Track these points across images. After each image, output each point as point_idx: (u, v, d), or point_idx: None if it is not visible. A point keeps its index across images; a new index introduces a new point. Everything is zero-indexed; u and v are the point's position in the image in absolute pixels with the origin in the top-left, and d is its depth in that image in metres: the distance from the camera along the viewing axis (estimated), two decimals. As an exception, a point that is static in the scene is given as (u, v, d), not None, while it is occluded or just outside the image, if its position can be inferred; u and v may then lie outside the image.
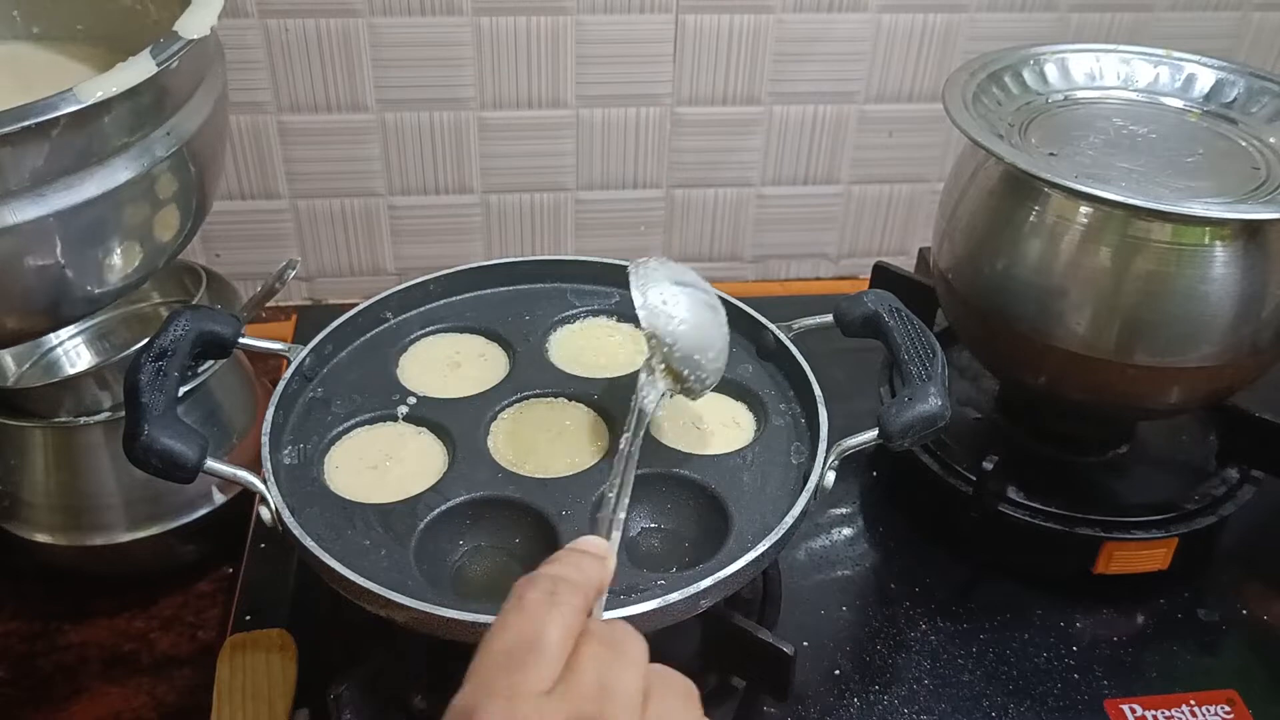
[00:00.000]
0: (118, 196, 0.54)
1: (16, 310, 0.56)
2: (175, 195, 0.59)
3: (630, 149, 1.00)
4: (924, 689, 0.67)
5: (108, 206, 0.54)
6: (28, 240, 0.52)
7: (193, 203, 0.61)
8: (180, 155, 0.57)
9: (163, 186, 0.58)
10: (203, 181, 0.62)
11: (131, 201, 0.56)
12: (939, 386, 0.60)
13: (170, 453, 0.54)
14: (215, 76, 0.62)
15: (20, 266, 0.53)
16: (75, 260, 0.55)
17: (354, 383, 0.68)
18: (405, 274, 0.97)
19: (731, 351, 0.71)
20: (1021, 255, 0.70)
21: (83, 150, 0.52)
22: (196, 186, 0.61)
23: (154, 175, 0.56)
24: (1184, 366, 0.68)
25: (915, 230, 1.09)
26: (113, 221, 0.55)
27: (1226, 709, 0.67)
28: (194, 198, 0.61)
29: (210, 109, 0.60)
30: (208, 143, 0.61)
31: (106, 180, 0.53)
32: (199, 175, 0.61)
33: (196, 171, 0.60)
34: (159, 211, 0.58)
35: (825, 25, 0.96)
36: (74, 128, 0.51)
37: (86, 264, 0.56)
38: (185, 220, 0.61)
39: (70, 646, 0.71)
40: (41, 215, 0.51)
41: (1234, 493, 0.76)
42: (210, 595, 0.74)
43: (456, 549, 0.60)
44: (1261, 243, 0.65)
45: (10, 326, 0.58)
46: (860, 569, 0.75)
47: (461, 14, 0.91)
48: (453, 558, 0.60)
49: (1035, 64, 0.79)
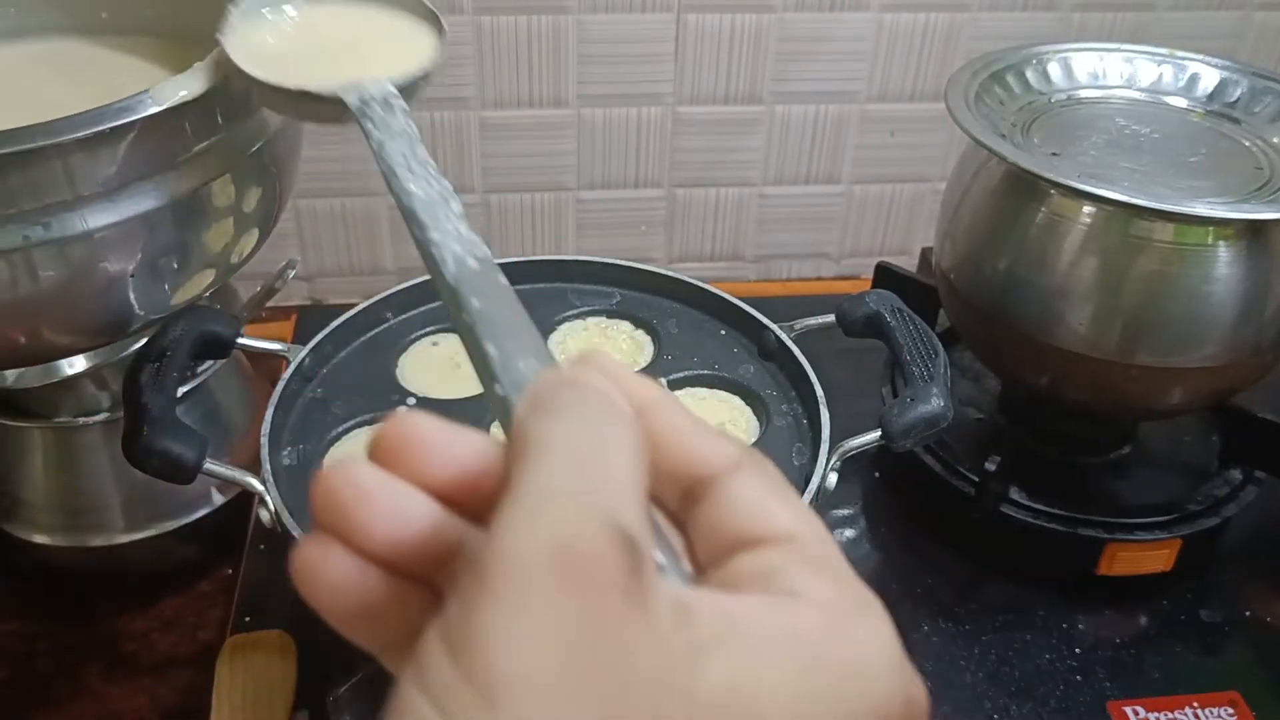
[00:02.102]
0: (195, 200, 0.52)
1: (78, 323, 0.54)
2: (253, 198, 0.56)
3: (631, 148, 1.00)
4: (926, 690, 0.67)
5: (184, 211, 0.52)
6: (100, 248, 0.50)
7: (273, 204, 0.59)
8: (259, 157, 0.55)
9: (240, 189, 0.55)
10: (281, 182, 0.59)
11: (208, 206, 0.53)
12: (941, 387, 0.60)
13: (170, 453, 0.54)
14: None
15: (90, 277, 0.50)
16: (144, 270, 0.52)
17: (354, 383, 0.67)
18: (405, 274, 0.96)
19: (732, 352, 0.71)
20: (1024, 255, 0.69)
21: (157, 153, 0.50)
22: (276, 188, 0.58)
23: (231, 179, 0.53)
24: (1187, 367, 0.67)
25: (917, 230, 1.09)
26: (189, 228, 0.53)
27: (1229, 710, 0.66)
28: (274, 198, 0.59)
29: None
30: (287, 142, 0.58)
31: (184, 183, 0.51)
32: (278, 175, 0.58)
33: (276, 173, 0.58)
34: (236, 216, 0.56)
35: (827, 24, 0.96)
36: (149, 131, 0.48)
37: (157, 275, 0.53)
38: (265, 223, 0.59)
39: (70, 646, 0.71)
40: (114, 221, 0.49)
41: (1237, 494, 0.75)
42: (210, 596, 0.74)
43: None
44: (1265, 243, 0.65)
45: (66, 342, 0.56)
46: (862, 570, 0.74)
47: (462, 13, 0.91)
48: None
49: (1038, 63, 0.79)
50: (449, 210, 0.36)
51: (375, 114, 0.41)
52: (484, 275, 0.32)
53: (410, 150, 0.39)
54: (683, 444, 0.27)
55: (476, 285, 0.31)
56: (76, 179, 0.48)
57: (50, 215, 0.47)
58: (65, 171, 0.47)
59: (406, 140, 0.40)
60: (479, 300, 0.30)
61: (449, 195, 0.37)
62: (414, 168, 0.39)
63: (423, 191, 0.37)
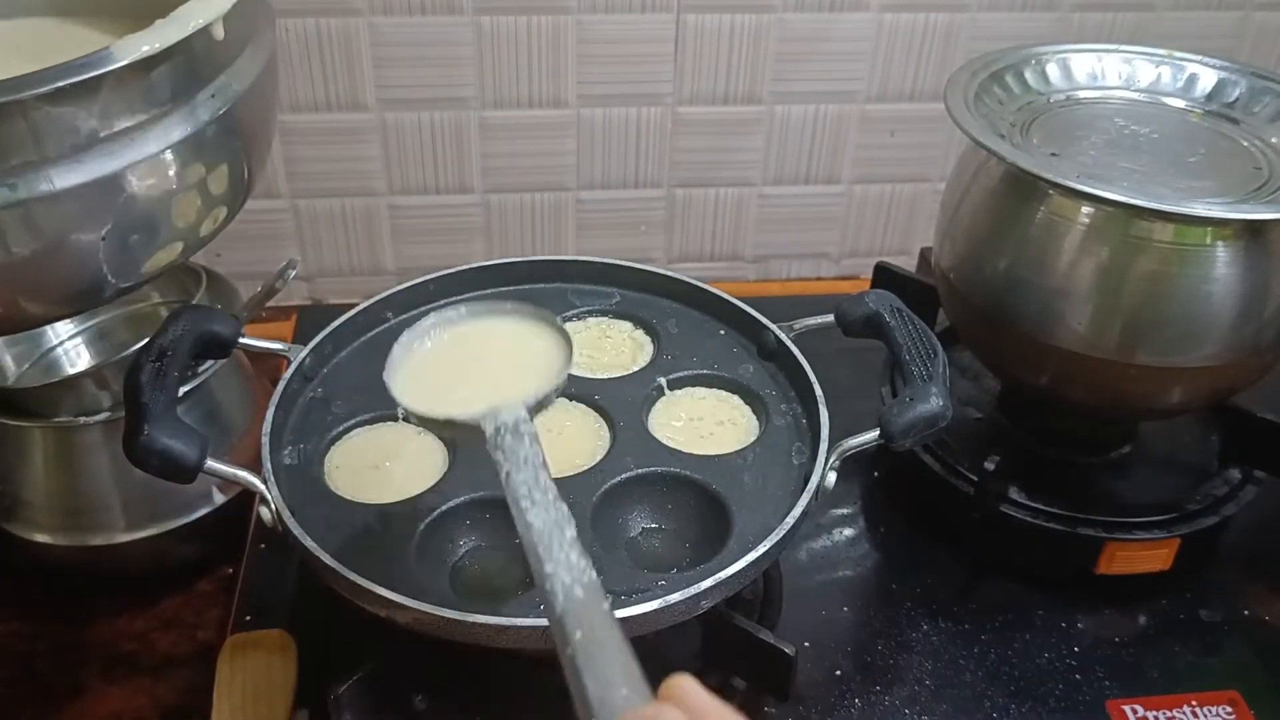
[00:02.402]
0: (162, 162, 0.51)
1: (50, 289, 0.53)
2: (222, 164, 0.56)
3: (631, 148, 1.00)
4: (925, 689, 0.67)
5: (151, 173, 0.51)
6: (67, 210, 0.49)
7: (241, 174, 0.58)
8: (227, 120, 0.54)
9: (209, 153, 0.54)
10: (250, 151, 0.59)
11: (176, 168, 0.52)
12: (940, 386, 0.60)
13: (170, 453, 0.54)
14: (263, 38, 0.59)
15: (59, 240, 0.50)
16: (114, 235, 0.51)
17: (354, 383, 0.67)
18: (405, 274, 0.96)
19: (732, 352, 0.71)
20: (1023, 255, 0.70)
21: (123, 113, 0.49)
22: (244, 155, 0.58)
23: (200, 141, 0.53)
24: (1186, 367, 0.67)
25: (917, 230, 1.09)
26: (157, 190, 0.52)
27: (1228, 710, 0.67)
28: (242, 168, 0.58)
29: (258, 72, 0.57)
30: (256, 108, 0.58)
31: (149, 144, 0.50)
32: (247, 143, 0.58)
33: (244, 139, 0.57)
34: (205, 181, 0.55)
35: (827, 25, 0.96)
36: (114, 89, 0.48)
37: (126, 239, 0.52)
38: (233, 193, 0.58)
39: (70, 646, 0.71)
40: (81, 182, 0.48)
41: (1236, 493, 0.76)
42: (210, 595, 0.74)
43: (456, 549, 0.60)
44: (1263, 243, 0.65)
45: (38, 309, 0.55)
46: (861, 569, 0.75)
47: (462, 13, 0.91)
48: (453, 558, 0.60)
49: (1037, 64, 0.79)
50: (563, 538, 0.41)
51: (506, 444, 0.46)
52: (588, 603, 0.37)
53: (534, 479, 0.44)
54: None
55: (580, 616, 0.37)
56: (42, 138, 0.47)
57: (16, 176, 0.47)
58: (30, 130, 0.47)
59: (531, 469, 0.44)
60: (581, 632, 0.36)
61: (564, 521, 0.42)
62: (535, 496, 0.43)
63: (540, 523, 0.41)
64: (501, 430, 0.46)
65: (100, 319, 0.80)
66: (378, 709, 0.60)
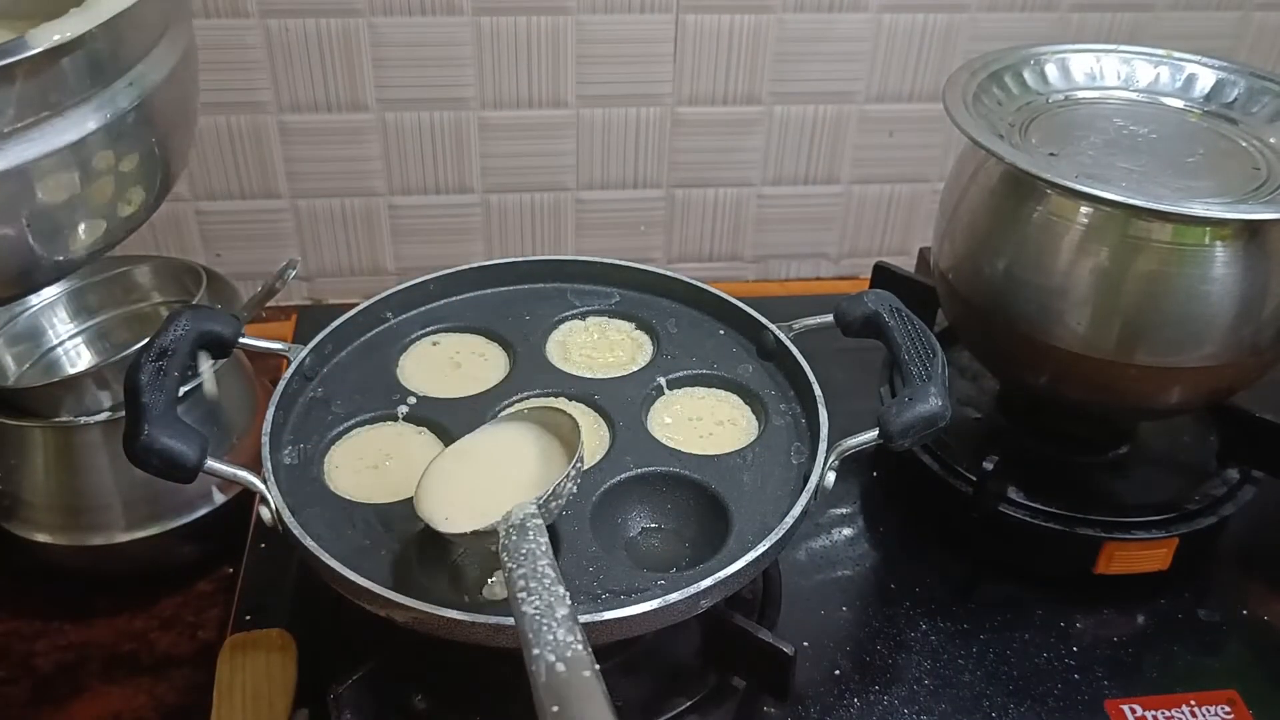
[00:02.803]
0: (79, 150, 0.51)
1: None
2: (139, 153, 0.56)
3: (630, 149, 1.00)
4: (924, 689, 0.67)
5: (68, 161, 0.51)
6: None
7: (158, 164, 0.59)
8: (144, 109, 0.55)
9: (126, 142, 0.55)
10: (169, 141, 0.59)
11: (93, 157, 0.53)
12: (939, 386, 0.60)
13: (170, 452, 0.54)
14: (181, 28, 0.59)
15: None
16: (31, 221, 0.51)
17: (354, 383, 0.67)
18: (405, 274, 0.97)
19: (731, 351, 0.71)
20: (1022, 255, 0.70)
21: (38, 101, 0.49)
22: (162, 144, 0.58)
23: (116, 129, 0.53)
24: (1184, 367, 0.68)
25: (916, 230, 1.09)
26: (74, 179, 0.52)
27: (1227, 709, 0.67)
28: (160, 158, 0.58)
29: (176, 61, 0.58)
30: (174, 97, 0.58)
31: (65, 132, 0.51)
32: (165, 133, 0.58)
33: (163, 129, 0.57)
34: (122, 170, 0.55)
35: (826, 25, 0.96)
36: (28, 76, 0.48)
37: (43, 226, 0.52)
38: (150, 182, 0.58)
39: (70, 646, 0.71)
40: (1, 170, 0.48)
41: (1234, 493, 0.76)
42: (210, 595, 0.74)
43: (456, 549, 0.60)
44: (1262, 243, 0.65)
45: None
46: (860, 569, 0.75)
47: (461, 14, 0.91)
48: (452, 558, 0.60)
49: (1036, 64, 0.79)
50: (553, 619, 0.43)
51: (512, 543, 0.49)
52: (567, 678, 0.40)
53: (532, 570, 0.47)
54: None
55: (558, 692, 0.40)
56: None
57: None
58: None
59: (530, 562, 0.47)
60: (557, 707, 0.39)
61: (558, 602, 0.44)
62: (531, 586, 0.46)
63: (533, 610, 0.44)
64: (510, 532, 0.49)
65: (100, 319, 0.80)
66: (378, 709, 0.60)
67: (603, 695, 0.40)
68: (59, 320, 0.79)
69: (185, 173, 0.95)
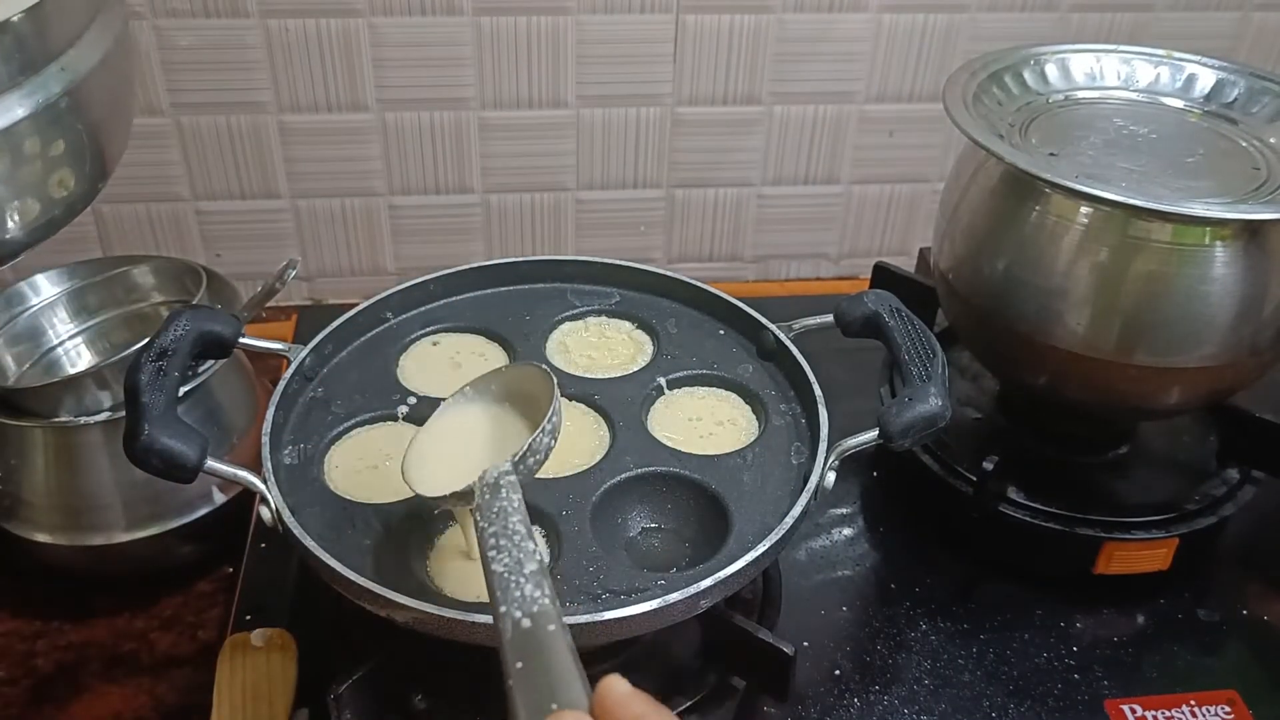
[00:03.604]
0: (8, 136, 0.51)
1: None
2: (70, 140, 0.55)
3: (630, 149, 1.00)
4: (924, 689, 0.67)
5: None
6: None
7: (89, 152, 0.58)
8: (75, 96, 0.54)
9: (56, 129, 0.54)
10: (101, 128, 0.58)
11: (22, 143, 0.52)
12: (939, 387, 0.60)
13: (170, 452, 0.54)
14: (111, 13, 0.59)
15: None
16: None
17: (354, 383, 0.68)
18: (405, 274, 0.96)
19: (731, 351, 0.71)
20: (1022, 255, 0.70)
21: None
22: (94, 132, 0.58)
23: (47, 115, 0.52)
24: (1184, 367, 0.68)
25: (916, 230, 1.09)
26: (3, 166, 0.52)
27: (1226, 709, 0.67)
28: (92, 145, 0.58)
29: (107, 47, 0.57)
30: (106, 84, 0.57)
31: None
32: (98, 120, 0.57)
33: (95, 115, 0.57)
34: (52, 158, 0.55)
35: (826, 25, 0.96)
36: None
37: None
38: (82, 169, 0.58)
39: (70, 646, 0.71)
40: None
41: (1234, 493, 0.76)
42: (210, 595, 0.74)
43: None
44: (1262, 243, 0.65)
45: None
46: (860, 569, 0.75)
47: (461, 14, 0.91)
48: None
49: (1036, 64, 0.79)
50: (521, 576, 0.43)
51: (485, 501, 0.49)
52: (532, 632, 0.40)
53: (502, 528, 0.46)
54: None
55: (522, 648, 0.39)
56: None
57: None
58: None
59: (501, 519, 0.47)
60: (521, 662, 0.38)
61: (527, 557, 0.44)
62: (500, 544, 0.45)
63: (501, 568, 0.44)
64: (484, 490, 0.49)
65: (100, 319, 0.80)
66: (378, 709, 0.60)
67: (568, 648, 0.39)
68: (59, 320, 0.79)
69: (185, 173, 0.95)
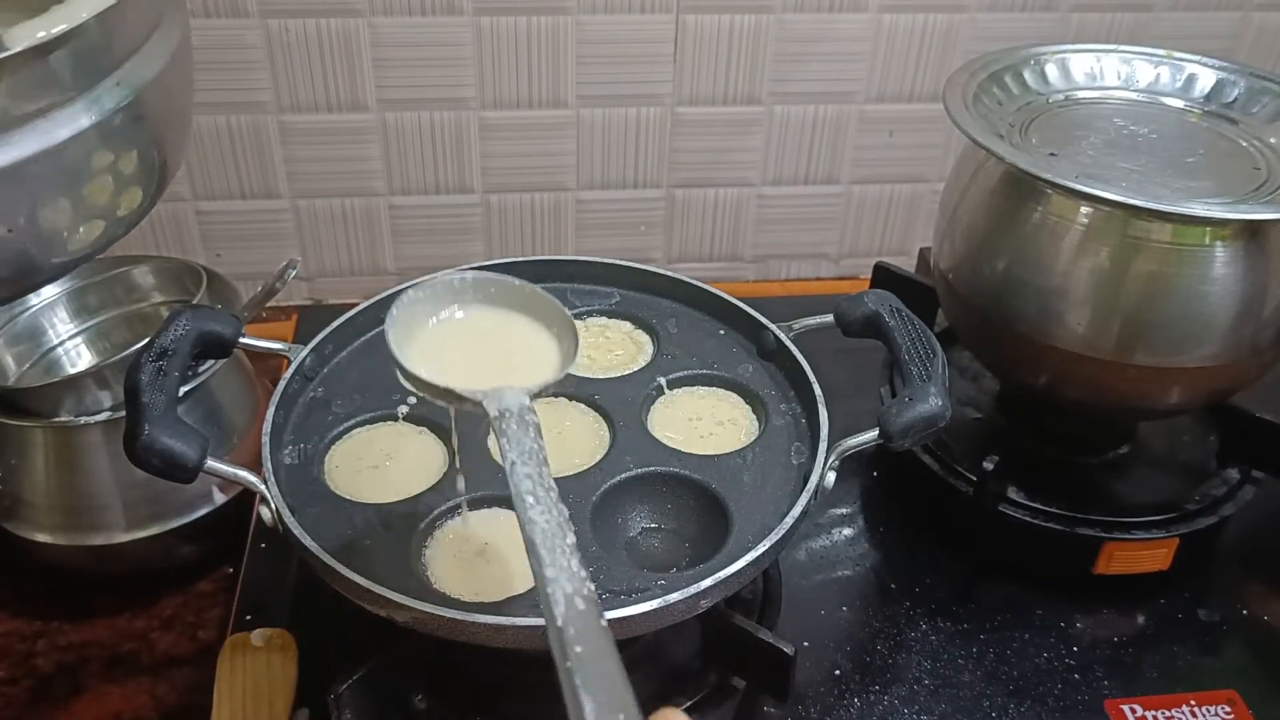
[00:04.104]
0: (64, 152, 0.50)
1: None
2: (131, 153, 0.55)
3: (631, 149, 1.00)
4: (924, 689, 0.67)
5: (54, 163, 0.50)
6: None
7: (152, 162, 0.57)
8: (133, 108, 0.53)
9: (115, 143, 0.53)
10: (163, 139, 0.58)
11: (81, 158, 0.51)
12: (939, 387, 0.60)
13: (171, 452, 0.54)
14: (173, 23, 0.58)
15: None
16: (30, 222, 0.50)
17: (354, 383, 0.68)
18: (405, 274, 0.97)
19: (731, 351, 0.71)
20: (1022, 255, 0.70)
21: (20, 101, 0.48)
22: (155, 144, 0.57)
23: (104, 130, 0.51)
24: (1184, 367, 0.68)
25: (916, 230, 1.09)
26: (62, 180, 0.51)
27: (1227, 709, 0.67)
28: (153, 156, 0.57)
29: (168, 58, 0.56)
30: (166, 95, 0.57)
31: (50, 134, 0.49)
32: (157, 131, 0.57)
33: (154, 127, 0.56)
34: (113, 171, 0.54)
35: (826, 25, 0.96)
36: (9, 77, 0.46)
37: (44, 226, 0.51)
38: (145, 182, 0.57)
39: (70, 646, 0.71)
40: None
41: (1234, 493, 0.76)
42: (210, 595, 0.74)
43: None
44: (1262, 243, 0.65)
45: None
46: (860, 569, 0.75)
47: (461, 14, 0.91)
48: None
49: (1036, 64, 0.79)
50: (564, 543, 0.39)
51: (510, 430, 0.44)
52: (588, 617, 0.36)
53: (538, 474, 0.42)
54: None
55: (581, 629, 0.35)
56: None
57: None
58: None
59: (535, 463, 0.42)
60: (581, 646, 0.34)
61: (565, 525, 0.40)
62: (539, 494, 0.41)
63: (544, 521, 0.40)
64: (506, 415, 0.45)
65: (100, 319, 0.80)
66: (378, 709, 0.60)
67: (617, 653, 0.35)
68: (59, 320, 0.79)
69: (185, 173, 0.95)
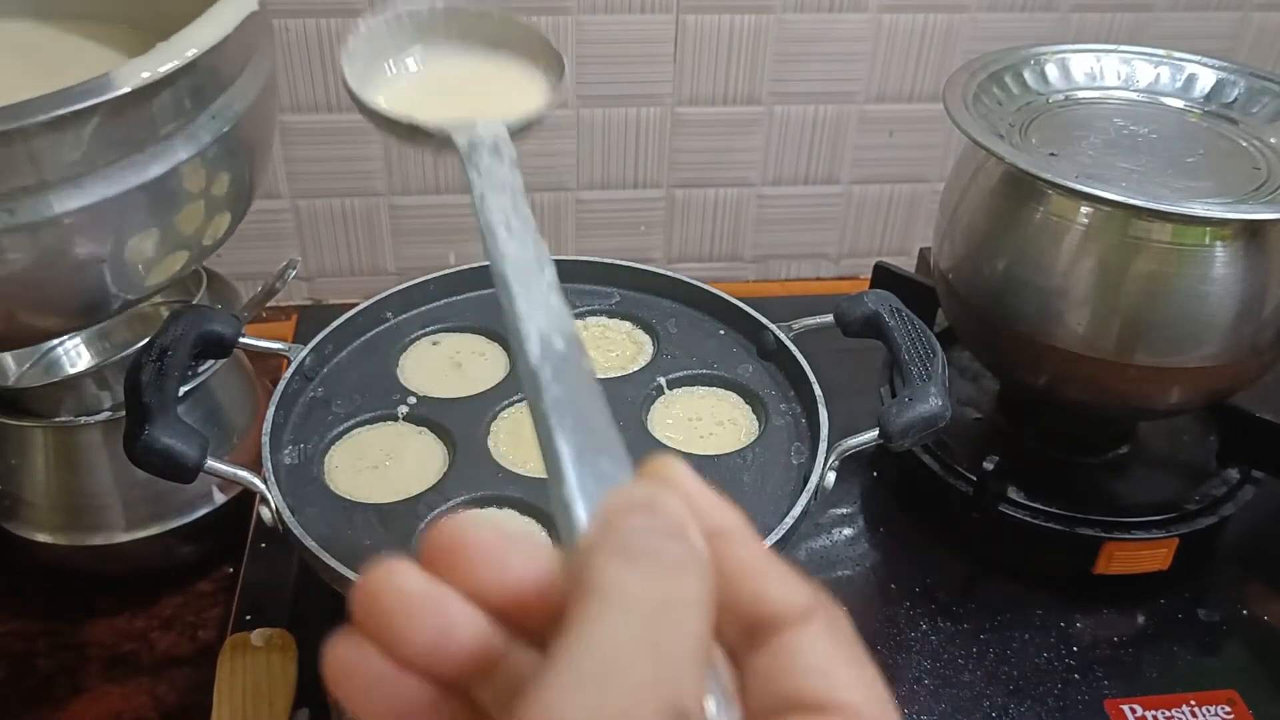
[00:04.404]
0: (163, 184, 0.51)
1: (55, 306, 0.53)
2: (223, 182, 0.56)
3: (630, 149, 1.00)
4: (924, 689, 0.67)
5: (153, 195, 0.51)
6: (68, 233, 0.49)
7: (243, 190, 0.58)
8: (227, 140, 0.54)
9: (210, 174, 0.54)
10: (252, 168, 0.59)
11: (178, 190, 0.52)
12: (939, 387, 0.60)
13: (171, 452, 0.54)
14: (264, 55, 0.58)
15: (61, 261, 0.49)
16: (117, 254, 0.51)
17: (354, 383, 0.68)
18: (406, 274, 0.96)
19: (731, 351, 0.71)
20: (1022, 255, 0.70)
21: (123, 137, 0.49)
22: (246, 173, 0.58)
23: (200, 162, 0.53)
24: (1184, 367, 0.68)
25: (916, 230, 1.09)
26: (158, 211, 0.52)
27: (1227, 709, 0.67)
28: (244, 184, 0.58)
29: (259, 90, 0.57)
30: (256, 126, 0.58)
31: (149, 168, 0.50)
32: (248, 161, 0.58)
33: (245, 157, 0.57)
34: (206, 200, 0.55)
35: (826, 25, 0.96)
36: (113, 114, 0.47)
37: (130, 258, 0.52)
38: (235, 209, 0.58)
39: (70, 646, 0.71)
40: (82, 206, 0.48)
41: (1234, 493, 0.76)
42: (210, 595, 0.74)
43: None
44: (1262, 243, 0.65)
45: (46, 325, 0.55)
46: (860, 569, 0.75)
47: (462, 14, 0.91)
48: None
49: (1036, 64, 0.79)
50: (542, 278, 0.34)
51: (482, 161, 0.40)
52: (568, 359, 0.30)
53: (513, 206, 0.37)
54: (753, 583, 0.24)
55: (560, 369, 0.30)
56: (41, 163, 0.47)
57: (15, 201, 0.47)
58: (29, 156, 0.46)
59: (509, 195, 0.38)
60: (559, 387, 0.29)
61: (545, 261, 0.34)
62: (513, 225, 0.36)
63: (517, 253, 0.34)
64: (477, 145, 0.40)
65: (100, 319, 0.80)
66: (378, 708, 0.60)
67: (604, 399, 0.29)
68: (59, 320, 0.79)
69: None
